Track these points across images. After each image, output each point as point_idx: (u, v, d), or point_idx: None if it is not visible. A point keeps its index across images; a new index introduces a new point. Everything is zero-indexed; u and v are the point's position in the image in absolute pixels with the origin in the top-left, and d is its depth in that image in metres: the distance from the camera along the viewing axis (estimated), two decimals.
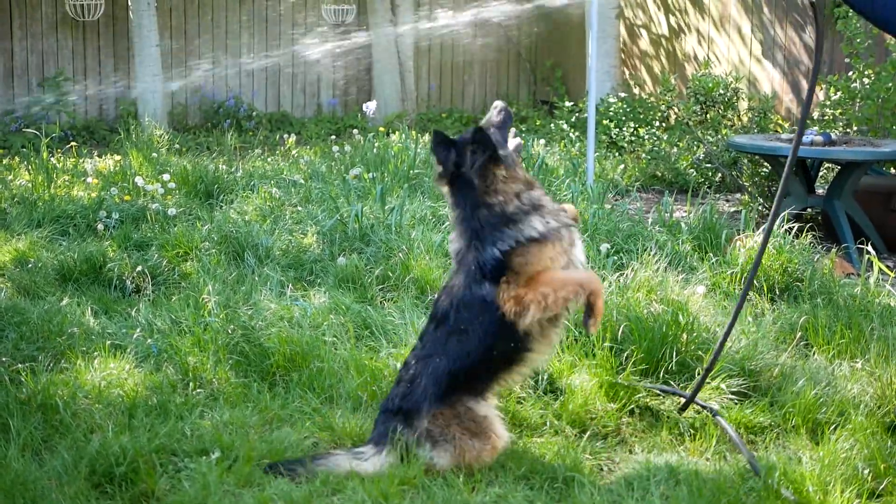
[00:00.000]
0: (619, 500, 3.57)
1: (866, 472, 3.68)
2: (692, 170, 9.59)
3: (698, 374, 4.44)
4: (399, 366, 4.03)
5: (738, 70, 11.34)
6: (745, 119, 10.09)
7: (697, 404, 4.28)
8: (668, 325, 4.65)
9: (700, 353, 4.63)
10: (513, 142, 3.99)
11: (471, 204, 3.87)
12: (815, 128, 8.58)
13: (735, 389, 4.41)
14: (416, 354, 3.89)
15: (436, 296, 4.02)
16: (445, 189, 3.97)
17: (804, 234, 6.26)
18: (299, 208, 7.48)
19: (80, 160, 9.34)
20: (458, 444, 3.73)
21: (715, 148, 9.34)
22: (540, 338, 3.86)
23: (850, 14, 8.99)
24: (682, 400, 4.33)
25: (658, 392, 4.41)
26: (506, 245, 3.78)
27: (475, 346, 3.78)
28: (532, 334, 3.82)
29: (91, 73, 12.70)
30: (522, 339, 3.81)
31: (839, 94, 8.96)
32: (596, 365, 4.43)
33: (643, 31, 13.02)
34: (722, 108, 9.92)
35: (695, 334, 4.69)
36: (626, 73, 13.10)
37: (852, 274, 6.38)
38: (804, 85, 10.96)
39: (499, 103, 4.12)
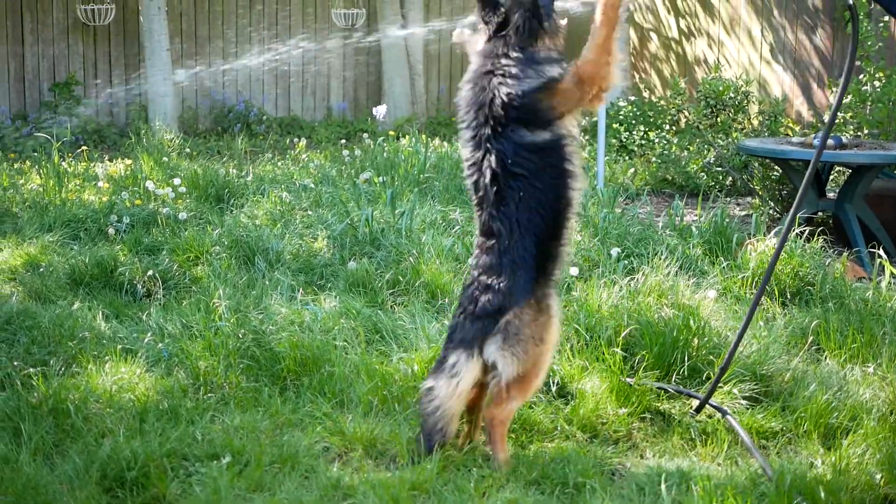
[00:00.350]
0: None
1: (878, 477, 3.67)
2: (703, 173, 9.58)
3: (710, 378, 4.44)
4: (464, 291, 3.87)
5: (749, 73, 11.31)
6: (755, 122, 10.07)
7: (711, 405, 4.27)
8: (679, 329, 4.64)
9: (711, 357, 4.62)
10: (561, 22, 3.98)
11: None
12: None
13: (747, 394, 4.40)
14: (499, 249, 3.75)
15: (486, 216, 3.82)
16: None
17: (815, 238, 6.24)
18: (309, 212, 7.48)
19: (91, 164, 9.37)
20: (528, 348, 3.67)
21: (725, 151, 9.32)
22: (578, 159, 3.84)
23: (861, 16, 8.97)
24: (693, 404, 4.32)
25: (669, 392, 4.40)
26: (536, 81, 3.75)
27: (548, 197, 3.74)
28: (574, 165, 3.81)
29: (102, 77, 12.75)
30: (570, 173, 3.79)
31: (850, 97, 8.94)
32: (607, 369, 4.42)
33: (653, 35, 13.00)
34: (732, 111, 9.91)
35: (706, 339, 4.68)
36: (637, 76, 13.09)
37: (864, 278, 6.36)
38: (815, 88, 10.93)
39: None
